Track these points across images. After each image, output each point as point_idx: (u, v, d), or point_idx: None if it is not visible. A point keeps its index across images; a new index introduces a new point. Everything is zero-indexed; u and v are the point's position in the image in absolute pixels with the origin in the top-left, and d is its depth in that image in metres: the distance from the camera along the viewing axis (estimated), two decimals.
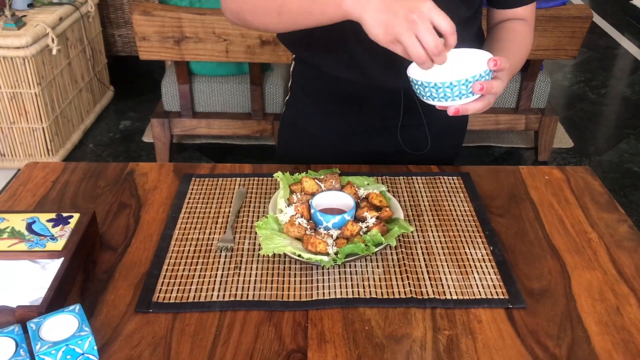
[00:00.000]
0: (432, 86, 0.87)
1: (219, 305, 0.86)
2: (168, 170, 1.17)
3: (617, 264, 0.96)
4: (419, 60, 0.82)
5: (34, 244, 0.89)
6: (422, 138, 1.23)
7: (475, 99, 0.89)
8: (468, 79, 0.85)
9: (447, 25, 0.81)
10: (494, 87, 0.88)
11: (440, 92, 0.87)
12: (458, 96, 0.87)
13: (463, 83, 0.85)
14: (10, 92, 2.53)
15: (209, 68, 2.59)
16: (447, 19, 0.81)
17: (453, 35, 0.82)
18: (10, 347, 0.72)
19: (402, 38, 0.81)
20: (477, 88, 0.86)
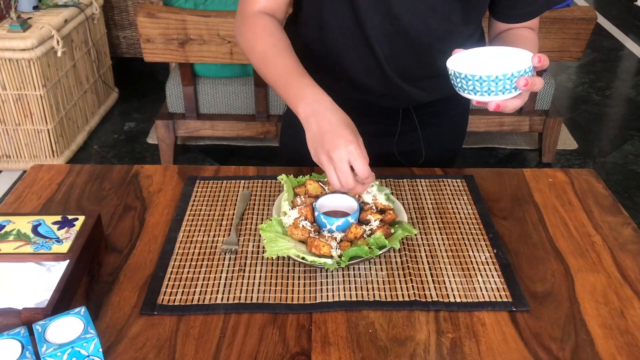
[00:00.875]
0: (477, 79, 0.86)
1: (224, 307, 0.86)
2: (172, 172, 1.18)
3: (621, 266, 0.96)
4: (334, 187, 0.91)
5: (40, 247, 0.90)
6: (419, 149, 1.24)
7: (515, 96, 0.89)
8: (514, 73, 0.85)
9: (361, 171, 0.89)
10: (537, 84, 0.87)
11: (484, 86, 0.86)
12: (501, 91, 0.86)
13: (508, 77, 0.85)
14: (15, 93, 2.54)
15: (213, 70, 2.60)
16: (362, 165, 0.89)
17: (368, 178, 0.90)
18: (16, 349, 0.73)
19: (323, 167, 0.91)
20: (522, 83, 0.85)
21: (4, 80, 2.50)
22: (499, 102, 0.89)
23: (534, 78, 0.87)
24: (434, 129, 1.25)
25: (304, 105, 0.94)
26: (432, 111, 1.22)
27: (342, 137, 0.89)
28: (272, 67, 1.01)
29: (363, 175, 0.89)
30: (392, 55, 1.07)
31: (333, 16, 1.06)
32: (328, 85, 1.17)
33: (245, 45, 1.07)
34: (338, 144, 0.88)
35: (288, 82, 0.98)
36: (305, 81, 0.97)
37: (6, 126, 2.62)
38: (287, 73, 0.99)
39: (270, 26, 1.05)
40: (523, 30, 1.10)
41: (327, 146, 0.89)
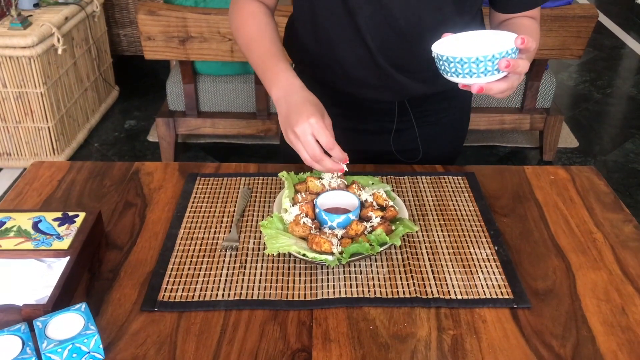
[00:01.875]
0: (458, 61, 0.86)
1: (224, 304, 0.86)
2: (173, 169, 1.17)
3: (622, 264, 0.96)
4: (307, 163, 0.95)
5: (40, 243, 0.90)
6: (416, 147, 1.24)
7: (500, 79, 0.88)
8: (495, 54, 0.84)
9: (324, 142, 0.93)
10: (520, 66, 0.86)
11: (465, 68, 0.86)
12: (483, 72, 0.86)
13: (489, 59, 0.84)
14: (16, 91, 2.54)
15: (213, 68, 2.59)
16: (325, 135, 0.93)
17: (332, 150, 0.94)
18: (17, 346, 0.73)
19: (292, 145, 0.96)
20: (504, 65, 0.84)
21: (5, 77, 2.50)
22: (482, 85, 0.88)
23: (517, 60, 0.86)
24: (432, 128, 1.24)
25: (277, 89, 1.00)
26: (431, 109, 1.22)
27: (304, 112, 0.94)
28: (254, 50, 1.07)
29: (327, 146, 0.93)
30: (384, 46, 1.06)
31: (324, 8, 1.06)
32: (324, 80, 1.18)
33: (233, 29, 1.13)
34: (301, 119, 0.93)
35: (266, 66, 1.04)
36: (281, 66, 1.02)
37: (7, 124, 2.62)
38: (266, 57, 1.05)
39: (257, 12, 1.11)
40: (523, 19, 1.10)
41: (292, 122, 0.94)
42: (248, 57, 1.09)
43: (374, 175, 1.12)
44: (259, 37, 1.08)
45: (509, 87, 0.89)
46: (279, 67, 1.02)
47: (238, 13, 1.13)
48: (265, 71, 1.04)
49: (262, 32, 1.08)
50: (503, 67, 0.85)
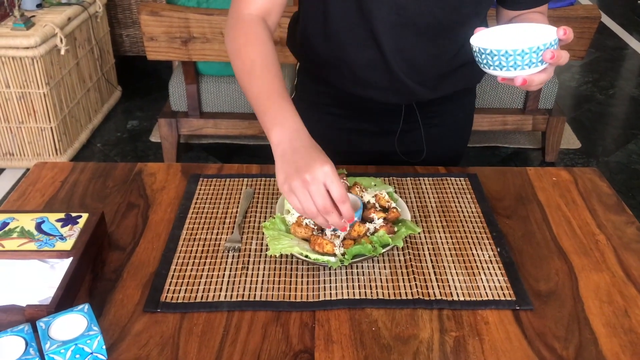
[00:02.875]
0: (503, 54, 0.85)
1: (227, 305, 0.86)
2: (176, 170, 1.18)
3: (625, 265, 0.96)
4: (310, 215, 0.84)
5: (43, 244, 0.90)
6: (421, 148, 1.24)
7: (541, 70, 0.88)
8: (539, 46, 0.84)
9: (337, 194, 0.83)
10: (562, 57, 0.86)
11: (510, 60, 0.85)
12: (528, 64, 0.86)
13: (534, 50, 0.84)
14: (19, 92, 2.54)
15: (216, 68, 2.60)
16: (339, 187, 0.83)
17: (344, 204, 0.84)
18: (20, 346, 0.73)
19: (295, 193, 0.84)
20: (549, 56, 0.84)
21: (8, 78, 2.50)
22: (525, 77, 0.87)
23: (560, 51, 0.86)
24: (437, 129, 1.24)
25: (279, 132, 0.89)
26: (436, 110, 1.22)
27: (317, 158, 0.84)
28: (254, 83, 0.96)
29: (340, 199, 0.83)
30: (398, 48, 1.06)
31: (338, 8, 1.05)
32: (329, 79, 1.17)
33: (233, 48, 1.01)
34: (315, 165, 0.83)
35: (267, 105, 0.92)
36: (286, 107, 0.91)
37: (10, 124, 2.62)
38: (268, 94, 0.93)
39: (263, 35, 1.00)
40: (534, 14, 1.09)
41: (300, 168, 0.84)
42: (245, 87, 0.97)
43: (376, 177, 1.12)
44: (262, 68, 0.96)
45: (548, 78, 0.90)
46: (284, 109, 0.91)
47: (241, 33, 1.00)
48: (266, 110, 0.92)
49: (265, 63, 0.96)
50: (548, 59, 0.85)
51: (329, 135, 1.24)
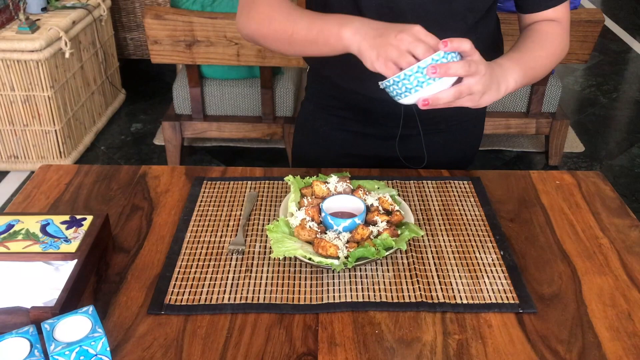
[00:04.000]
0: (394, 83, 0.87)
1: (230, 307, 0.86)
2: (180, 173, 1.18)
3: (628, 269, 0.96)
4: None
5: (48, 246, 0.90)
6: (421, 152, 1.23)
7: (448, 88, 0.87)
8: (420, 65, 0.84)
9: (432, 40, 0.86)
10: (452, 68, 0.85)
11: (401, 87, 0.86)
12: (419, 85, 0.86)
13: (416, 71, 0.85)
14: (23, 94, 2.55)
15: (220, 71, 2.60)
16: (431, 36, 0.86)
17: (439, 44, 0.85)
18: (25, 348, 0.73)
19: (391, 54, 0.86)
20: (431, 72, 0.84)
21: (13, 81, 2.51)
22: (426, 97, 0.87)
23: (447, 64, 0.85)
24: (442, 135, 1.24)
25: (351, 25, 0.90)
26: (440, 115, 1.21)
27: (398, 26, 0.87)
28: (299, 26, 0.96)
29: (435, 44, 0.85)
30: None
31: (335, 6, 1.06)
32: (336, 80, 1.18)
33: (257, 28, 1.02)
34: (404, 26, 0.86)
35: (325, 21, 0.94)
36: (339, 14, 0.95)
37: (14, 127, 2.63)
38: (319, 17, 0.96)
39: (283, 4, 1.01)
40: (544, 24, 1.08)
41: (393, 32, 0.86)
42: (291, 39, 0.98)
43: (380, 180, 1.12)
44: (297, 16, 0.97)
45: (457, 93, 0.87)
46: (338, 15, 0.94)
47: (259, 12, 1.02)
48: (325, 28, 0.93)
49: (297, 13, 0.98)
50: (431, 74, 0.84)
51: (335, 137, 1.25)
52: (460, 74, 0.86)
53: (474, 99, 0.89)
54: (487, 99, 0.91)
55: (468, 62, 0.86)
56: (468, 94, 0.88)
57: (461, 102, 0.89)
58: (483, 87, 0.89)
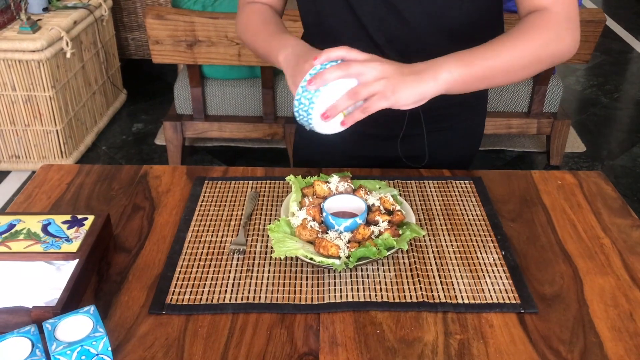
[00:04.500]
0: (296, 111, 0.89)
1: (232, 307, 0.86)
2: (181, 173, 1.18)
3: (630, 269, 0.96)
4: None
5: (50, 246, 0.90)
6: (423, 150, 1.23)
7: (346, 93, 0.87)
8: (301, 85, 0.87)
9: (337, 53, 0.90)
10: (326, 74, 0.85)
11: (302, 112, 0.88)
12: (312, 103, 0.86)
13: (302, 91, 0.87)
14: (25, 94, 2.55)
15: (221, 71, 2.60)
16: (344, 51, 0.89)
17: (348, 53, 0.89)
18: (27, 347, 0.74)
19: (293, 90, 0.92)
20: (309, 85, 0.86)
21: (14, 81, 2.52)
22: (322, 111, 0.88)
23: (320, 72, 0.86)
24: (445, 133, 1.23)
25: (283, 52, 0.97)
26: (444, 113, 1.21)
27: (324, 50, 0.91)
28: (259, 41, 1.06)
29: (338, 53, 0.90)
30: (391, 41, 1.06)
31: (328, 7, 1.07)
32: None
33: (239, 32, 1.14)
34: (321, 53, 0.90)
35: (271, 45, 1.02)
36: (286, 36, 1.01)
37: (16, 127, 2.64)
38: (270, 38, 1.04)
39: (260, 9, 1.12)
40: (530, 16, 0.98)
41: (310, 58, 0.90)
42: (256, 51, 1.08)
43: (381, 180, 1.12)
44: (263, 26, 1.07)
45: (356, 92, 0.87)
46: (285, 37, 1.01)
47: (243, 16, 1.14)
48: (270, 50, 1.01)
49: (265, 21, 1.08)
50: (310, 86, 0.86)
51: (335, 139, 1.25)
52: (338, 76, 0.87)
53: (386, 96, 0.87)
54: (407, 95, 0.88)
55: (345, 64, 0.87)
56: (369, 93, 0.87)
57: (373, 103, 0.87)
58: (388, 84, 0.87)
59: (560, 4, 0.97)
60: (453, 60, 0.92)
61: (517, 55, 0.95)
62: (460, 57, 0.93)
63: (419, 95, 0.89)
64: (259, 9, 1.14)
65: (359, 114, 0.88)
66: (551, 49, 0.96)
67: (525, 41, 0.95)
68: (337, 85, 0.87)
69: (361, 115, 0.88)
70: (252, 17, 1.13)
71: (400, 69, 0.90)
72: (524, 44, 0.95)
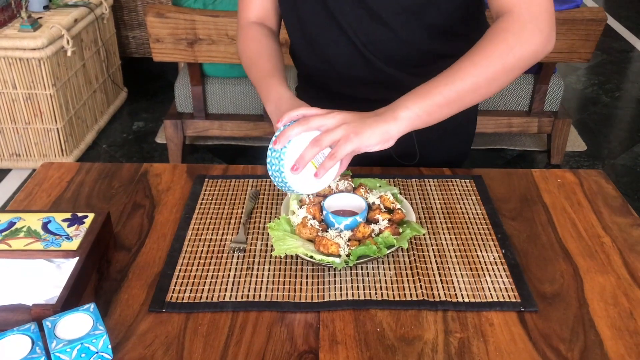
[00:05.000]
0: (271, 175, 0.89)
1: (232, 305, 0.86)
2: (181, 171, 1.18)
3: (630, 268, 0.96)
4: None
5: (50, 244, 0.90)
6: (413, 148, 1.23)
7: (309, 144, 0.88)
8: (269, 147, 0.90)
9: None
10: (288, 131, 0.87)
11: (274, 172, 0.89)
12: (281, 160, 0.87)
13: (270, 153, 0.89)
14: (25, 93, 2.56)
15: (221, 70, 2.60)
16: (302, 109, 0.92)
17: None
18: (27, 345, 0.74)
19: None
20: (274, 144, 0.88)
21: (15, 79, 2.52)
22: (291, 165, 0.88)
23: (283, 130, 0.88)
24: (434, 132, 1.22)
25: (269, 103, 1.03)
26: None
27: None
28: (253, 72, 1.11)
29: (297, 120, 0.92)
30: (371, 40, 1.06)
31: (308, 12, 1.08)
32: (321, 83, 1.18)
33: (239, 53, 1.18)
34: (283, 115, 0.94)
35: (262, 85, 1.07)
36: (274, 81, 1.05)
37: (16, 125, 2.64)
38: (261, 76, 1.08)
39: (257, 35, 1.15)
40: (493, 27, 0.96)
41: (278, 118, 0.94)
42: (250, 78, 1.13)
43: (381, 178, 1.12)
44: (257, 58, 1.11)
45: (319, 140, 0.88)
46: (272, 82, 1.04)
47: (241, 38, 1.17)
48: (261, 90, 1.07)
49: (260, 53, 1.11)
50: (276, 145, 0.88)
51: None
52: (299, 131, 0.88)
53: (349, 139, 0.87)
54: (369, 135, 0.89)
55: (305, 119, 0.89)
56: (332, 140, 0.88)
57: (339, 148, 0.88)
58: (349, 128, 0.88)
59: (524, 3, 0.93)
60: (410, 97, 0.93)
61: (478, 71, 0.92)
62: (417, 92, 0.93)
63: (381, 135, 0.89)
64: (256, 36, 1.14)
65: (328, 162, 0.88)
66: (516, 54, 0.92)
67: (485, 54, 0.92)
68: (301, 140, 0.89)
69: (331, 163, 0.88)
70: (250, 43, 1.14)
71: (360, 114, 0.92)
72: (485, 58, 0.92)
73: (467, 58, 0.94)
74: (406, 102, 0.92)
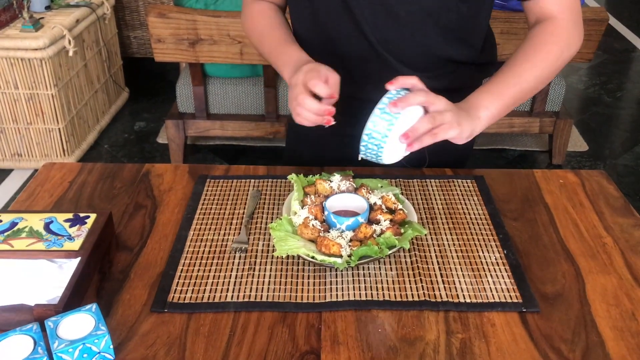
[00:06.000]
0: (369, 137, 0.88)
1: (233, 305, 0.87)
2: (183, 171, 1.18)
3: (632, 268, 0.95)
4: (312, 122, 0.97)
5: (52, 244, 0.91)
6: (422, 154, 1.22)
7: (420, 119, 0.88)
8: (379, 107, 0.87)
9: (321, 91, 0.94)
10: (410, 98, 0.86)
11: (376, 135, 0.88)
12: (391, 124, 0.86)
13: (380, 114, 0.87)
14: (27, 93, 2.56)
15: (223, 70, 2.60)
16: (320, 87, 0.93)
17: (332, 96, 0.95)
18: (29, 345, 0.74)
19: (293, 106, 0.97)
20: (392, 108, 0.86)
21: (16, 79, 2.52)
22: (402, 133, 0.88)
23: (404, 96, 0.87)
24: None
25: (288, 70, 1.02)
26: None
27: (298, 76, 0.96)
28: (265, 45, 1.11)
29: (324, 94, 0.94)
30: (386, 38, 1.06)
31: (323, 4, 1.07)
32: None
33: (246, 31, 1.17)
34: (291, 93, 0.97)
35: (277, 55, 1.07)
36: (292, 48, 1.05)
37: (18, 125, 2.64)
38: (276, 46, 1.08)
39: (265, 9, 1.15)
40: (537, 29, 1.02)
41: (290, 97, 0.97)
42: (262, 53, 1.12)
43: (383, 179, 1.12)
44: (269, 31, 1.11)
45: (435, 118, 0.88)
46: (290, 50, 1.05)
47: (248, 15, 1.17)
48: (277, 60, 1.07)
49: (272, 25, 1.12)
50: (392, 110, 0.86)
51: (326, 141, 1.24)
52: (420, 101, 0.88)
53: (453, 126, 0.89)
54: (466, 129, 0.91)
55: (424, 92, 0.89)
56: (442, 122, 0.88)
57: (444, 133, 0.89)
58: (454, 116, 0.89)
59: (567, 11, 1.01)
60: (486, 97, 0.95)
61: (538, 73, 0.99)
62: (491, 91, 0.96)
63: (470, 132, 0.93)
64: (264, 10, 1.15)
65: (428, 139, 0.89)
66: (565, 57, 1.02)
67: (542, 58, 1.00)
68: (411, 110, 0.88)
69: (430, 140, 0.89)
70: (259, 18, 1.14)
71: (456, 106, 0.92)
72: (542, 61, 1.00)
73: (525, 60, 0.99)
74: (484, 102, 0.95)
